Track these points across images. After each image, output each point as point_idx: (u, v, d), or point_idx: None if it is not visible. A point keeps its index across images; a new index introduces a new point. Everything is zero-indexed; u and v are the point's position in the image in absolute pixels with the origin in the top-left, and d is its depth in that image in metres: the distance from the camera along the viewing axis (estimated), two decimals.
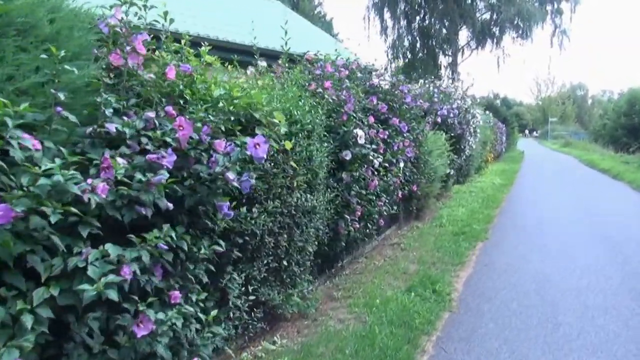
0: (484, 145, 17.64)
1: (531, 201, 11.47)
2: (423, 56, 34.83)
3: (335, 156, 4.95)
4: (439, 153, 9.62)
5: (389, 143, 6.11)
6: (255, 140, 2.74)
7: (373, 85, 6.33)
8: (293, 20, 12.13)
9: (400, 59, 34.85)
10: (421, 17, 33.09)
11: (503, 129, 29.07)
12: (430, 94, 10.30)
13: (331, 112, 5.05)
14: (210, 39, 8.95)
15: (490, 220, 8.96)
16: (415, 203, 8.88)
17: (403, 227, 8.55)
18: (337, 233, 4.97)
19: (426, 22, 33.19)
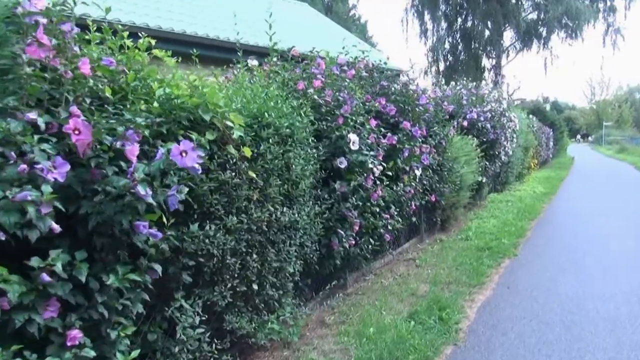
0: (525, 151, 16.55)
1: (572, 214, 10.48)
2: (465, 59, 33.68)
3: (328, 164, 4.42)
4: (467, 160, 8.88)
5: (399, 149, 5.51)
6: (181, 146, 2.26)
7: (383, 87, 5.76)
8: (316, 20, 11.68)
9: (441, 62, 33.87)
10: (463, 18, 32.00)
11: (550, 134, 27.55)
12: (459, 95, 9.57)
13: (326, 114, 4.53)
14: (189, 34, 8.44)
15: (523, 234, 8.13)
16: (439, 214, 8.20)
17: (425, 240, 7.88)
18: (330, 250, 4.43)
19: (468, 23, 32.05)
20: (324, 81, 4.78)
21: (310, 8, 13.41)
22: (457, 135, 8.81)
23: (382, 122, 5.59)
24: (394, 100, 5.73)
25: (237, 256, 3.28)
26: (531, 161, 18.71)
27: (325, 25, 12.47)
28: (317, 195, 4.26)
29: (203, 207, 2.99)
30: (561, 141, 33.45)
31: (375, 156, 4.58)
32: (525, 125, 15.88)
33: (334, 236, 4.39)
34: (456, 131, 8.92)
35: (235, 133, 2.86)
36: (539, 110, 29.87)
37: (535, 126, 20.15)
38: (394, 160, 5.55)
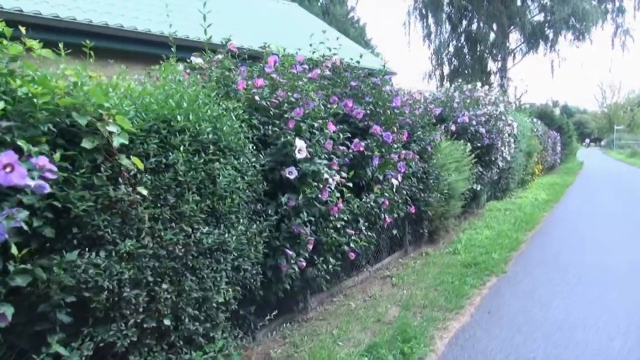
0: (528, 156, 15.89)
1: (573, 224, 9.81)
2: (470, 62, 33.02)
3: (276, 174, 3.87)
4: (457, 166, 8.28)
5: (368, 157, 4.94)
6: (4, 159, 1.73)
7: (353, 87, 5.20)
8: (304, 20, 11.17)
9: (445, 65, 33.23)
10: (467, 20, 31.36)
11: (557, 138, 26.82)
12: (450, 98, 8.99)
13: (274, 117, 3.99)
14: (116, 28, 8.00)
15: (517, 247, 7.50)
16: (426, 225, 7.61)
17: (409, 254, 7.29)
18: (278, 272, 3.87)
19: (472, 26, 31.43)
20: (279, 80, 4.24)
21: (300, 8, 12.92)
22: (447, 140, 8.23)
23: (349, 126, 5.05)
24: (365, 102, 5.17)
25: (141, 287, 2.74)
26: (535, 167, 18.01)
27: (314, 25, 11.96)
28: (260, 210, 3.71)
29: (86, 230, 2.45)
30: (570, 146, 32.64)
31: (330, 165, 4.01)
32: (527, 129, 15.22)
33: (282, 257, 3.83)
34: (445, 136, 8.34)
35: (117, 140, 2.33)
36: (546, 114, 29.13)
37: (540, 130, 19.45)
38: (362, 170, 4.98)
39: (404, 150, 6.35)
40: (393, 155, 5.88)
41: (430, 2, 29.44)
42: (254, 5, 12.45)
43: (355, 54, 5.51)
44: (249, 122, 3.59)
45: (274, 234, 3.85)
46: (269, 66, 4.15)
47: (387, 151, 5.42)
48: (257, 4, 12.74)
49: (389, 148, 5.42)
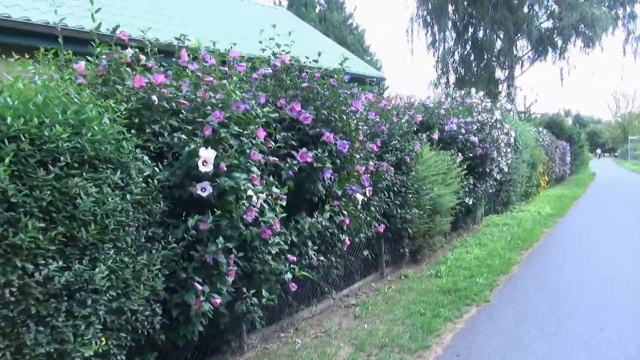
0: (532, 167, 15.04)
1: (576, 243, 8.97)
2: (477, 70, 32.22)
3: (185, 191, 3.18)
4: (443, 179, 7.53)
5: (317, 169, 4.22)
6: None
7: (304, 88, 4.51)
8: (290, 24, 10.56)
9: (451, 73, 32.45)
10: (473, 28, 30.61)
11: (567, 149, 25.89)
12: (436, 104, 8.26)
13: (186, 123, 3.31)
14: None
15: (507, 269, 6.70)
16: (407, 244, 6.85)
17: (386, 276, 6.54)
18: (186, 311, 3.16)
19: (478, 33, 30.66)
20: (204, 79, 3.57)
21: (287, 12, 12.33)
22: (432, 150, 7.50)
23: (298, 133, 4.36)
24: (317, 106, 4.47)
25: None
26: (541, 178, 17.13)
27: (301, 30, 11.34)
28: (157, 236, 3.01)
29: None
30: (581, 156, 31.67)
31: (249, 179, 3.30)
32: (531, 139, 14.40)
33: (191, 292, 3.12)
34: (431, 145, 7.60)
35: None
36: (555, 124, 28.24)
37: (546, 140, 18.59)
38: (312, 184, 4.27)
39: (373, 162, 5.64)
40: (359, 167, 5.18)
41: (434, 9, 28.77)
42: (239, 9, 11.88)
43: (341, 58, 4.81)
44: (141, 127, 2.91)
45: (181, 264, 3.15)
46: (183, 60, 3.47)
47: (345, 162, 4.71)
48: (243, 7, 12.18)
49: (346, 159, 4.70)
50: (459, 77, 32.33)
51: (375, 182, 5.86)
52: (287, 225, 4.22)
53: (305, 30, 11.75)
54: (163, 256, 2.98)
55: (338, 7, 19.67)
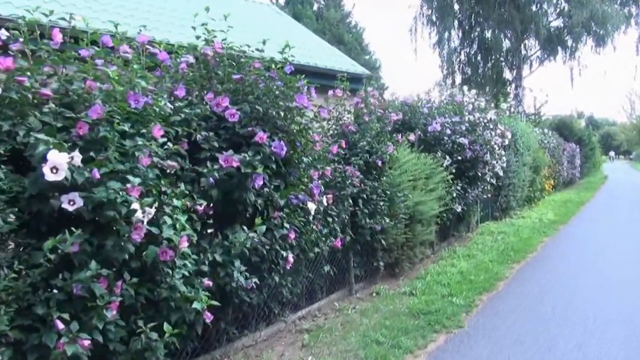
0: (536, 170, 14.24)
1: (576, 255, 8.21)
2: (484, 70, 31.37)
3: (47, 205, 2.55)
4: (424, 184, 6.84)
5: (246, 175, 3.56)
6: None
7: (237, 80, 3.86)
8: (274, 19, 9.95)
9: (457, 74, 31.61)
10: (479, 26, 29.73)
11: (576, 151, 24.92)
12: (420, 102, 7.57)
13: (60, 118, 2.68)
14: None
15: (492, 286, 5.99)
16: (381, 256, 6.16)
17: (355, 293, 5.87)
18: (44, 355, 2.52)
19: (485, 32, 29.79)
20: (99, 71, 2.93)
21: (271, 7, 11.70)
22: (412, 153, 6.81)
23: (227, 132, 3.71)
24: (251, 100, 3.81)
25: None
26: (546, 182, 16.30)
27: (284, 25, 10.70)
28: None
29: None
30: (592, 159, 30.60)
31: (123, 189, 2.64)
32: (533, 140, 13.60)
33: (51, 332, 2.48)
34: (411, 147, 6.92)
35: None
36: (565, 125, 27.30)
37: (552, 142, 17.74)
38: (242, 192, 3.62)
39: (334, 166, 4.99)
40: (313, 172, 4.53)
41: (439, 7, 27.99)
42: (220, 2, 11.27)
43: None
44: None
45: (40, 297, 2.51)
46: (55, 42, 2.83)
47: (288, 167, 4.05)
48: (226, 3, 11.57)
49: (289, 163, 4.04)
50: (466, 78, 31.48)
51: (339, 188, 5.21)
52: (211, 242, 3.59)
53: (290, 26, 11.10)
54: (5, 287, 2.34)
55: (336, 4, 19.03)
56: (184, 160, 3.42)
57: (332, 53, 9.94)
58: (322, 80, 6.15)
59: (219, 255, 3.55)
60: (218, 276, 3.55)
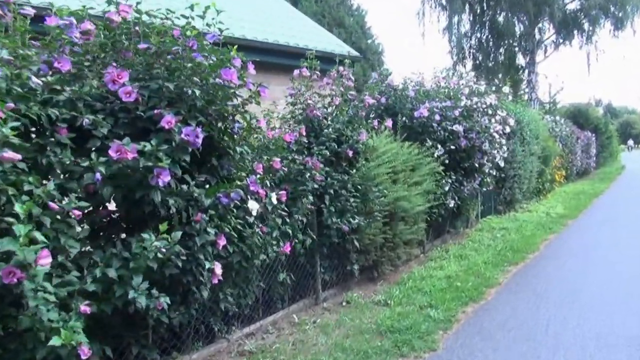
0: (545, 160, 13.31)
1: (585, 254, 7.38)
2: (496, 56, 30.18)
3: None
4: (408, 176, 6.06)
5: (147, 168, 2.82)
6: None
7: (143, 51, 3.10)
8: None
9: (468, 59, 30.44)
10: (491, 10, 28.47)
11: (592, 140, 23.75)
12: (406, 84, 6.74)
13: None
14: None
15: (480, 295, 5.20)
16: (355, 259, 5.42)
17: (322, 303, 5.15)
18: None
19: (497, 15, 28.53)
20: None
21: None
22: (395, 141, 6.02)
23: (128, 116, 2.97)
24: (157, 75, 3.06)
25: None
26: (556, 173, 15.34)
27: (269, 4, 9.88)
28: None
29: None
30: (609, 148, 29.32)
31: None
32: (542, 128, 12.65)
33: None
34: (394, 135, 6.13)
35: None
36: (581, 113, 26.11)
37: (564, 130, 16.71)
38: (144, 190, 2.88)
39: (291, 157, 4.25)
40: (258, 165, 3.79)
41: None
42: None
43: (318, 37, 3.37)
44: None
45: None
46: None
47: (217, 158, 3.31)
48: None
49: (220, 154, 3.30)
50: (477, 64, 30.36)
51: (299, 183, 4.47)
52: (104, 254, 2.87)
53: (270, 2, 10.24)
54: None
55: None
56: (63, 150, 2.70)
57: (318, 32, 9.12)
58: (299, 62, 5.42)
59: (115, 269, 2.83)
60: (114, 295, 2.83)
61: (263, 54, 7.60)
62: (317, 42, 8.43)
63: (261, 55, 7.59)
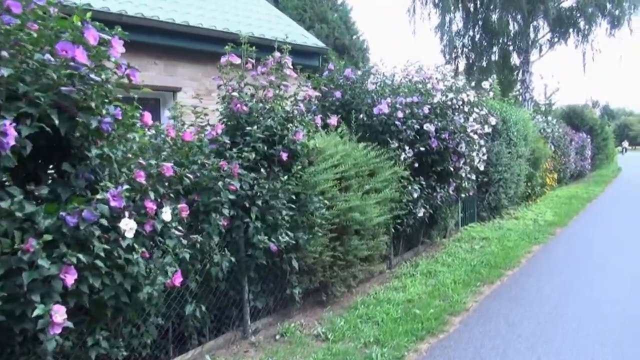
0: (535, 163, 12.48)
1: (574, 269, 6.54)
2: (489, 56, 29.40)
3: None
4: (361, 183, 5.21)
5: None
6: None
7: None
8: None
9: (461, 59, 29.64)
10: (484, 7, 27.63)
11: (587, 141, 22.96)
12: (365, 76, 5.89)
13: None
14: None
15: (440, 327, 4.33)
16: (297, 282, 4.57)
17: (254, 335, 4.27)
18: None
19: (490, 13, 27.72)
20: None
21: None
22: (349, 142, 5.17)
23: None
24: None
25: None
26: (548, 176, 14.51)
27: None
28: None
29: None
30: (605, 150, 28.54)
31: None
32: (531, 129, 11.81)
33: None
34: (349, 134, 5.29)
35: None
36: (576, 114, 25.42)
37: (556, 131, 15.89)
38: None
39: (168, 164, 3.40)
40: (139, 172, 2.95)
41: None
42: None
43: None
44: None
45: None
46: None
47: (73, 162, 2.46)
48: None
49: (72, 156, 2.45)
50: (470, 64, 29.56)
51: (211, 193, 3.62)
52: None
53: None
54: None
55: None
56: None
57: (279, 21, 8.26)
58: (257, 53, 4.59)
59: None
60: None
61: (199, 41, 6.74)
62: (278, 32, 7.58)
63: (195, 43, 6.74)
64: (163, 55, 6.63)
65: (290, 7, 16.26)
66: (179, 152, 3.64)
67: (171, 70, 6.74)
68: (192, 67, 6.87)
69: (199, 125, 3.96)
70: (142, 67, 6.59)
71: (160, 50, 6.58)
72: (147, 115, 3.07)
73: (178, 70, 6.79)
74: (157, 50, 6.52)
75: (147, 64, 6.49)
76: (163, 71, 6.67)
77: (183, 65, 6.80)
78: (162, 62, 6.63)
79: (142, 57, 6.29)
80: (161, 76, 6.64)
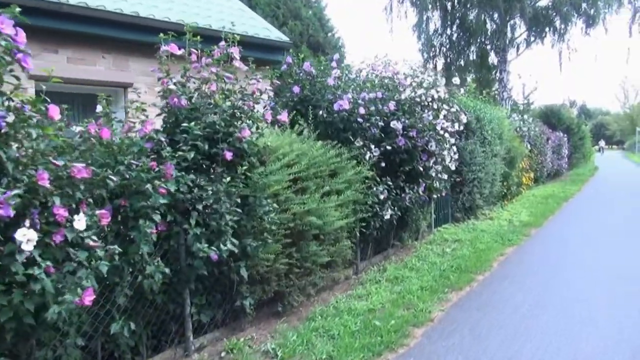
0: (511, 162, 12.29)
1: (545, 276, 6.28)
2: (468, 55, 29.34)
3: None
4: (319, 185, 4.84)
5: None
6: None
7: None
8: None
9: (439, 58, 29.53)
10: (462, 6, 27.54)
11: (563, 140, 23.01)
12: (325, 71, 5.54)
13: None
14: None
15: (400, 340, 3.97)
16: (248, 292, 4.18)
17: (197, 352, 3.88)
18: None
19: (468, 12, 27.64)
20: None
21: None
22: (308, 141, 4.81)
23: None
24: None
25: None
26: (524, 175, 14.36)
27: None
28: None
29: None
30: (581, 149, 28.69)
31: None
32: (506, 127, 11.60)
33: None
34: (309, 132, 4.93)
35: None
36: (553, 113, 25.48)
37: (532, 130, 15.76)
38: None
39: (80, 165, 2.99)
40: (42, 174, 2.54)
41: None
42: None
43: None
44: None
45: None
46: None
47: None
48: None
49: None
50: (448, 63, 29.45)
51: (139, 197, 3.22)
52: None
53: None
54: None
55: None
56: None
57: (242, 15, 7.85)
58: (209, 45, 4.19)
59: None
60: None
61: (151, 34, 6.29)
62: (239, 25, 7.17)
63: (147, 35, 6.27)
64: (112, 48, 6.17)
65: (262, 3, 15.85)
66: (106, 151, 3.23)
67: (121, 64, 6.29)
68: (145, 62, 6.41)
69: (129, 121, 3.55)
70: (89, 61, 6.19)
71: (109, 43, 6.12)
72: (54, 109, 2.66)
73: (129, 64, 6.34)
74: (105, 43, 6.07)
75: (94, 58, 6.04)
76: (112, 65, 6.21)
77: (134, 59, 6.35)
78: (110, 56, 6.17)
79: (87, 50, 5.84)
80: (110, 71, 6.19)
